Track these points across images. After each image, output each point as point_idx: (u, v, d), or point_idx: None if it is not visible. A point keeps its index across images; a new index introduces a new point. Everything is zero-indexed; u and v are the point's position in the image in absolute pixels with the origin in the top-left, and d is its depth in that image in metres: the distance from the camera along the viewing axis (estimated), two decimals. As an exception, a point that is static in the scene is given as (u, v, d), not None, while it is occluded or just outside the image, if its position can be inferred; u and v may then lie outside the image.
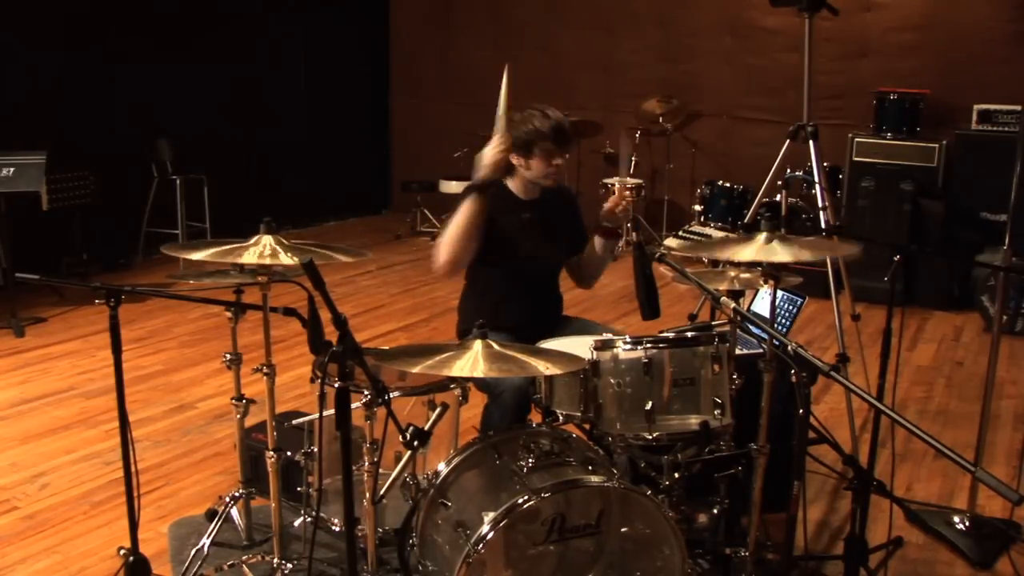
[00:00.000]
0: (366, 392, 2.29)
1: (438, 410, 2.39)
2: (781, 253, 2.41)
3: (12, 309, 5.26)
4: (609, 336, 2.50)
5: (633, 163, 7.64)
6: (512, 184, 3.12)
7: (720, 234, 6.89)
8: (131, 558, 2.50)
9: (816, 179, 3.84)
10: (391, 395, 2.07)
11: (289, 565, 2.74)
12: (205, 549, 2.85)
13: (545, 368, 2.30)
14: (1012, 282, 5.15)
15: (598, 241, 3.11)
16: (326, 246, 2.60)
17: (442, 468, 2.42)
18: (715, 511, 2.74)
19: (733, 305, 2.28)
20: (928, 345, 5.37)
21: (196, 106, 7.20)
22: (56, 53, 6.37)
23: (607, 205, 2.98)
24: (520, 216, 3.08)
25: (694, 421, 2.45)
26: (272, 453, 2.71)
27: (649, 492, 2.33)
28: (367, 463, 2.32)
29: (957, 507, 3.30)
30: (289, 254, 2.47)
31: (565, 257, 3.23)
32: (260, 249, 2.49)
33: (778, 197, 4.83)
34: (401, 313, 5.88)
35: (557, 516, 2.21)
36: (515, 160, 3.03)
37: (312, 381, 2.90)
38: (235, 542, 3.00)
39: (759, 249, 2.44)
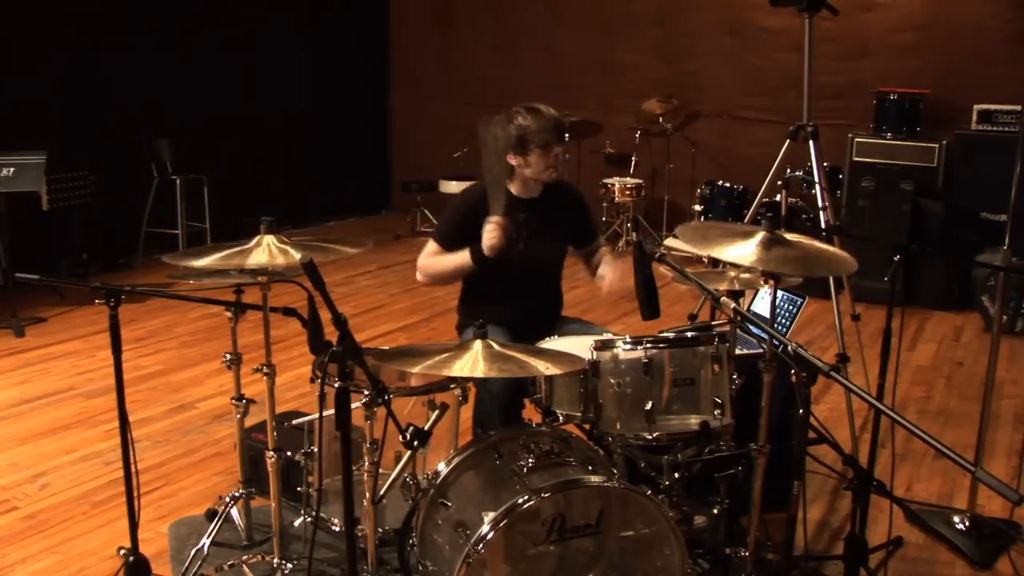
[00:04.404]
0: (366, 392, 2.29)
1: (438, 410, 2.39)
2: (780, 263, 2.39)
3: (12, 309, 5.26)
4: (609, 336, 2.50)
5: (633, 163, 7.64)
6: (512, 184, 3.12)
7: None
8: (131, 558, 2.50)
9: (816, 179, 3.84)
10: (391, 395, 2.06)
11: (289, 565, 2.74)
12: (205, 549, 2.85)
13: (545, 368, 2.30)
14: (1012, 282, 5.15)
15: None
16: (329, 239, 2.61)
17: (442, 468, 2.42)
18: (715, 511, 2.74)
19: (733, 305, 2.27)
20: (928, 345, 5.36)
21: (196, 106, 7.19)
22: (56, 53, 6.36)
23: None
24: (516, 216, 3.06)
25: (694, 421, 2.45)
26: (272, 453, 2.71)
27: (649, 492, 2.32)
28: (367, 463, 2.32)
29: (957, 507, 3.30)
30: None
31: (563, 256, 3.23)
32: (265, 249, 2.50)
33: (778, 197, 4.83)
34: (401, 313, 5.88)
35: (557, 516, 2.21)
36: (513, 161, 3.02)
37: (312, 381, 2.90)
38: (235, 542, 3.00)
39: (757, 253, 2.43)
